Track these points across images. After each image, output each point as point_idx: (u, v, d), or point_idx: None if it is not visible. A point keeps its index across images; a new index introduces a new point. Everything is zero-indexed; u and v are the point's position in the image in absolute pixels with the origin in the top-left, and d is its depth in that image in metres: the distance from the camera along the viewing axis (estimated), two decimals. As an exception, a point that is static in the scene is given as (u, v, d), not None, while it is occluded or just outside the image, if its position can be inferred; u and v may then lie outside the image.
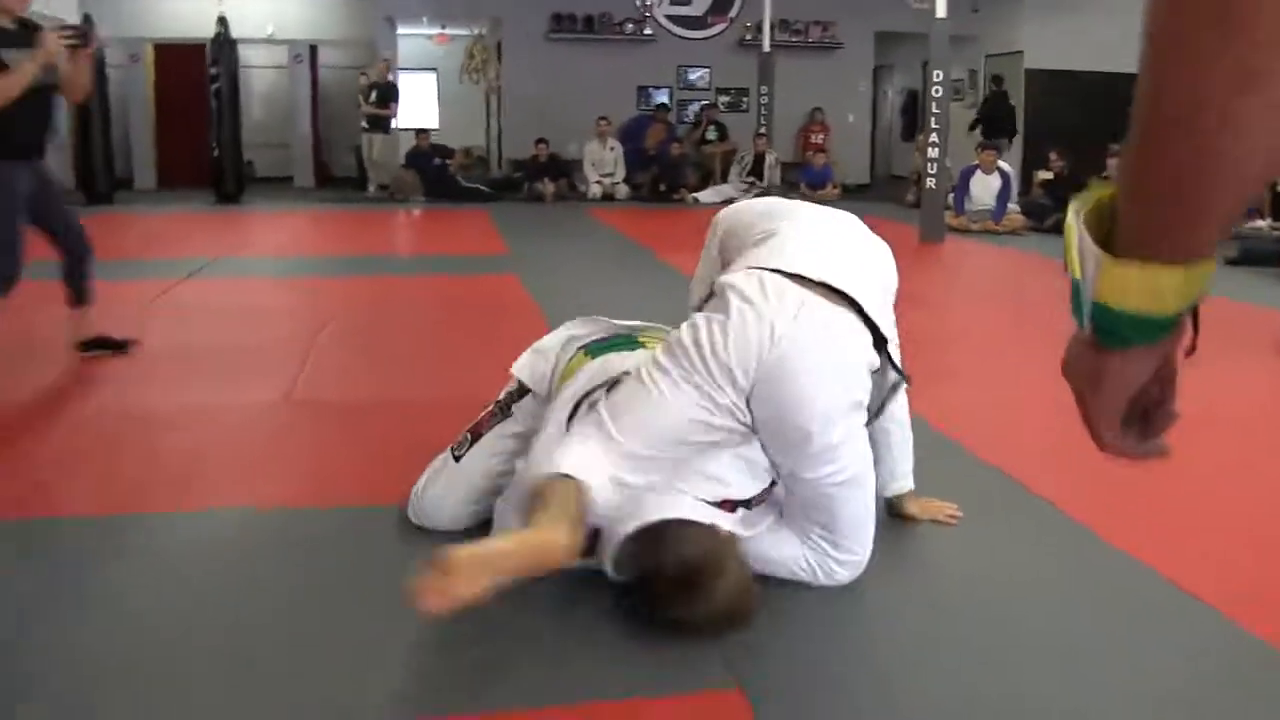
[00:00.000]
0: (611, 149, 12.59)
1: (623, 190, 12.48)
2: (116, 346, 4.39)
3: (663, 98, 14.04)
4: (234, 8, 12.77)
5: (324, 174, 14.03)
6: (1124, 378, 0.73)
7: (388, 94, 12.57)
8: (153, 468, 3.10)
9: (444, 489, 2.56)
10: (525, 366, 2.59)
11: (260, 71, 14.75)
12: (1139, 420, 0.76)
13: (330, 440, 3.42)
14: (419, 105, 15.57)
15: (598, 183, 12.50)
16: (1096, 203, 0.71)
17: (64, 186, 4.06)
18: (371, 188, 12.65)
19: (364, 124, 12.62)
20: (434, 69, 15.97)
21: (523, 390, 2.57)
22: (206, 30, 11.91)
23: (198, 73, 12.35)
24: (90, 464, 3.13)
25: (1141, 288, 0.67)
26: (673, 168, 12.62)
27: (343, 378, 4.24)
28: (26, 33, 3.90)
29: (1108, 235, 0.69)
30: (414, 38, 15.33)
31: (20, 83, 3.81)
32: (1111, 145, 9.51)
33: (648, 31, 13.91)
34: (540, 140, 12.40)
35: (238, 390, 3.90)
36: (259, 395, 3.85)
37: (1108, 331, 0.71)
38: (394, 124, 12.70)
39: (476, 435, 2.58)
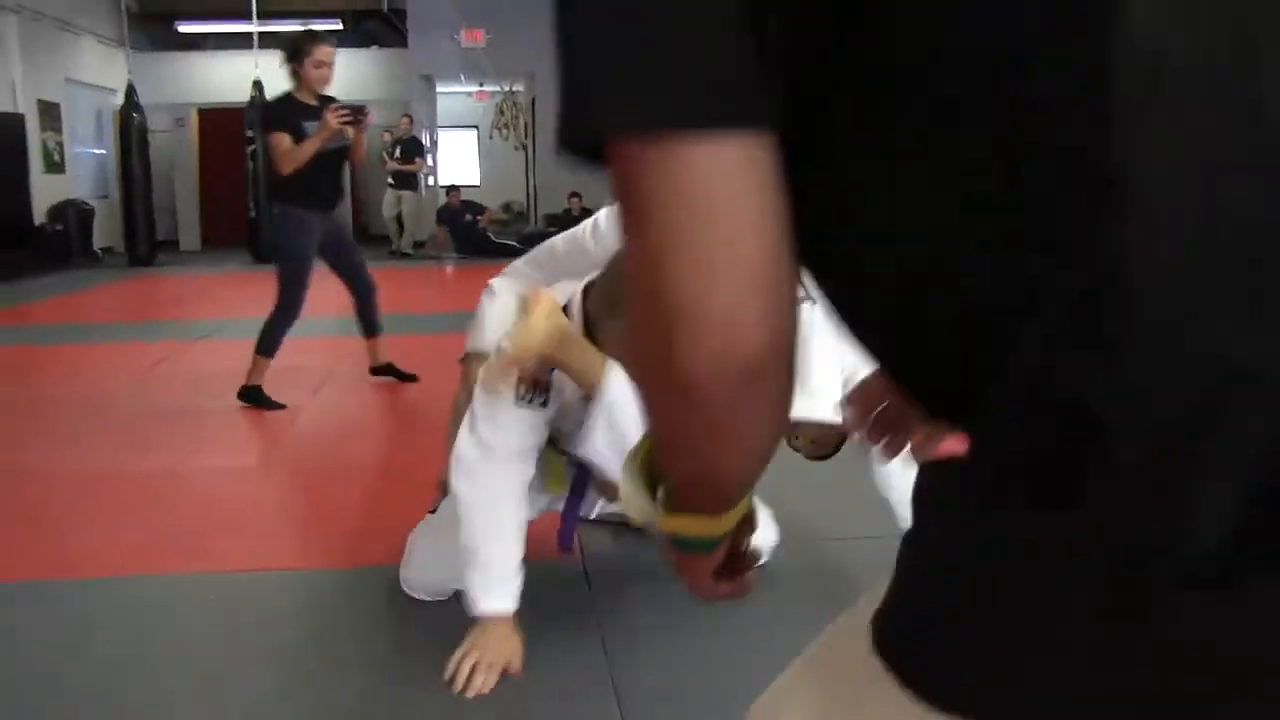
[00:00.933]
0: None
1: None
2: (404, 376, 5.13)
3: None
4: (272, 71, 13.01)
5: (364, 233, 14.21)
6: (705, 564, 0.76)
7: (411, 149, 12.69)
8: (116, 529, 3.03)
9: (429, 547, 2.42)
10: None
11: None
12: (727, 569, 0.78)
13: (297, 504, 3.35)
14: (460, 162, 15.78)
15: None
16: (647, 451, 0.74)
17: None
18: (396, 244, 12.77)
19: (389, 180, 12.72)
20: (474, 126, 16.19)
21: None
22: (247, 94, 12.16)
23: (239, 135, 12.63)
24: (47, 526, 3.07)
25: (696, 527, 0.70)
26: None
27: (324, 440, 4.19)
28: (320, 108, 4.52)
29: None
30: (455, 95, 15.57)
31: (308, 152, 4.47)
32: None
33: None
34: (573, 194, 12.42)
35: (209, 455, 3.85)
36: (232, 460, 3.81)
37: (679, 543, 0.73)
38: (428, 180, 12.87)
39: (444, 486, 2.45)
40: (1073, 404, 0.48)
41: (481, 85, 15.30)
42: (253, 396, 4.61)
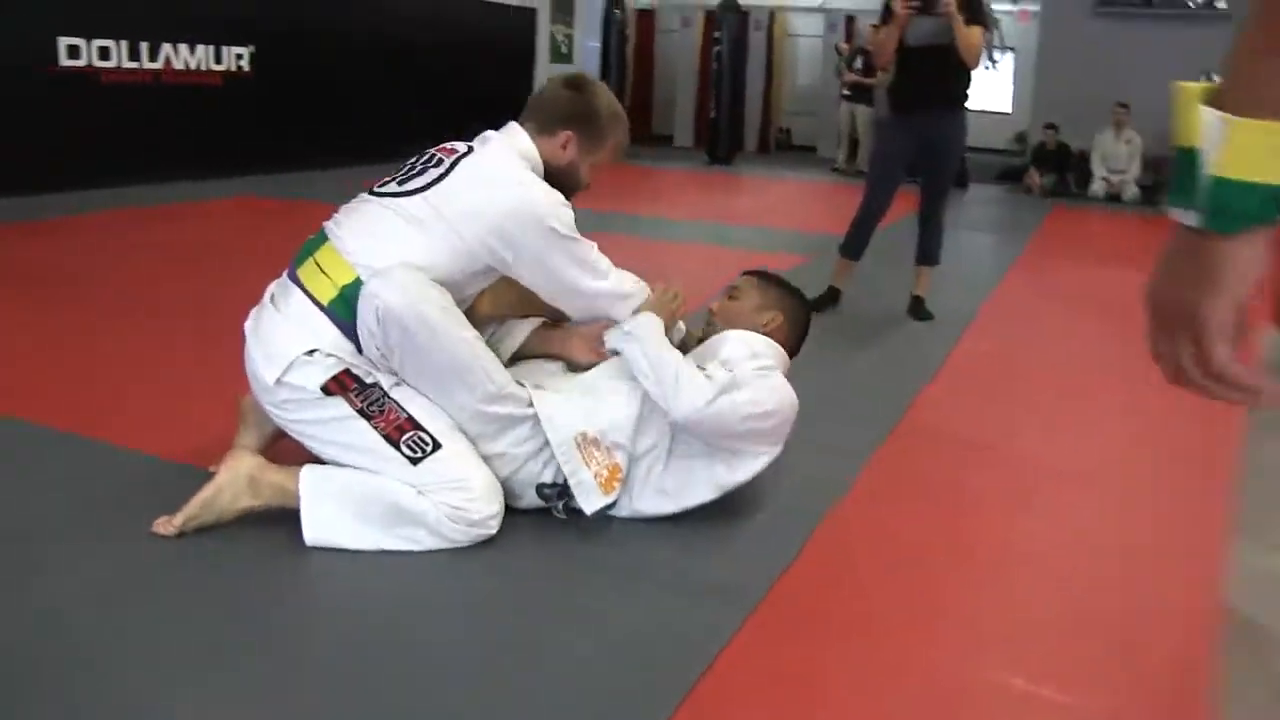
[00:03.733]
0: (1128, 142, 11.15)
1: (1131, 191, 11.03)
2: (923, 315, 4.89)
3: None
4: None
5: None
6: (1239, 269, 0.71)
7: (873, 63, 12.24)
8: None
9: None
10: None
11: (806, 41, 15.30)
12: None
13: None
14: (995, 88, 15.18)
15: (1103, 179, 11.17)
16: (1203, 90, 0.71)
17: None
18: (840, 162, 12.57)
19: (844, 93, 12.37)
20: (1013, 48, 15.35)
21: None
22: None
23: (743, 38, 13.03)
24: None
25: (1269, 149, 0.66)
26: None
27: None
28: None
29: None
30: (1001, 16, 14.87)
31: (883, 44, 4.62)
32: None
33: (1221, 5, 12.11)
34: (1049, 125, 11.53)
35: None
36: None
37: (1224, 211, 0.70)
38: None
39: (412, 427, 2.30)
40: None
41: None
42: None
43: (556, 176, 2.52)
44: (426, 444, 2.26)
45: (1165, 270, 0.77)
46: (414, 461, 2.26)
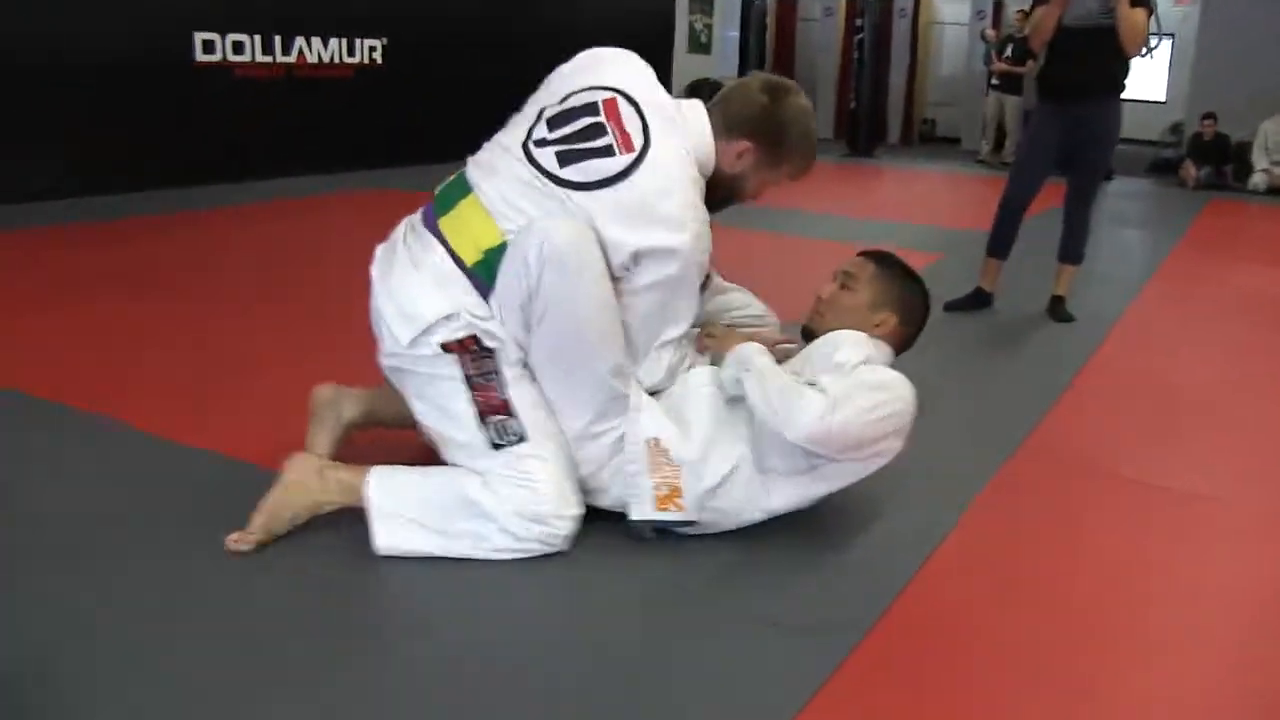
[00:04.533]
0: None
1: None
2: (1063, 317, 4.73)
3: None
4: None
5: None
6: None
7: (1025, 51, 11.88)
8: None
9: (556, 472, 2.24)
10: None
11: (952, 29, 14.96)
12: None
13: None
14: (1150, 75, 14.61)
15: (1264, 171, 10.57)
16: None
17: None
18: (983, 154, 12.24)
19: (993, 82, 12.00)
20: (1171, 34, 14.76)
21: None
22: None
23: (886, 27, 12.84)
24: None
25: None
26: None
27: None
28: None
29: None
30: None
31: (1041, 21, 4.43)
32: None
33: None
34: (1206, 116, 10.99)
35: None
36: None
37: None
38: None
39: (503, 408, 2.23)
40: None
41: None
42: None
43: (722, 184, 2.39)
44: (513, 434, 2.21)
45: None
46: (496, 447, 2.21)
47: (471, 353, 2.19)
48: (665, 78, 11.58)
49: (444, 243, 2.25)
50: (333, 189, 7.82)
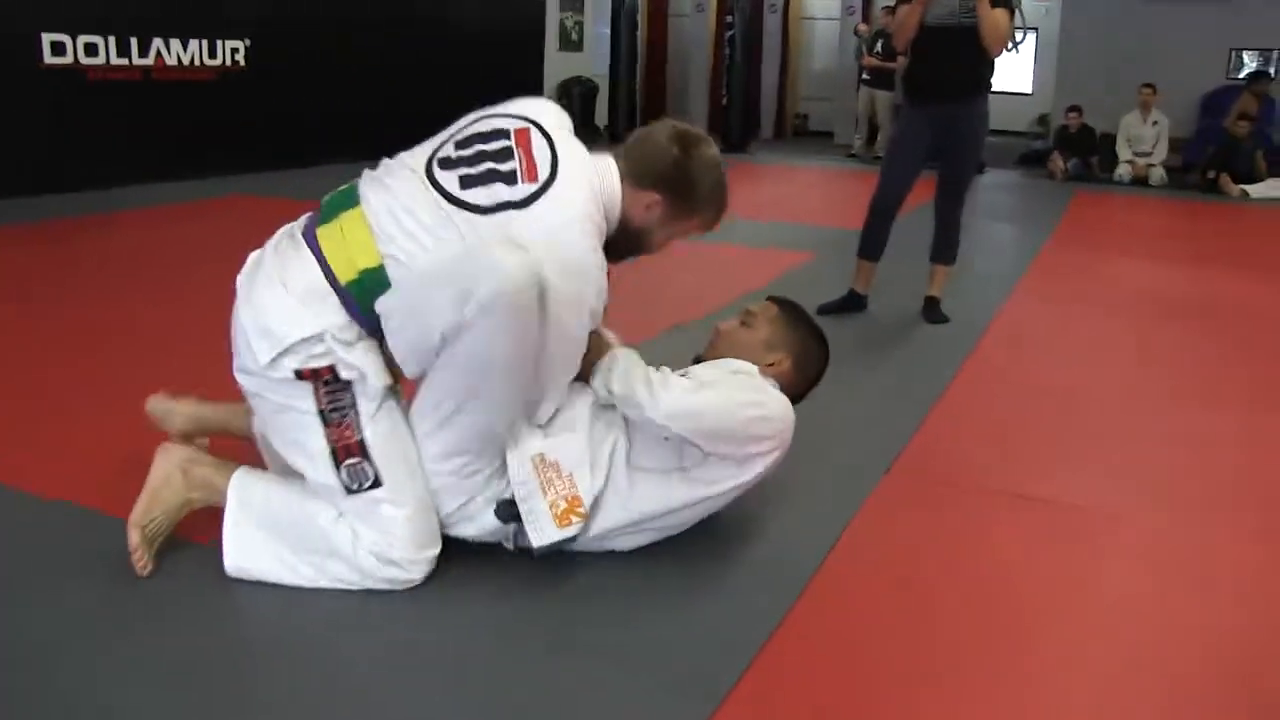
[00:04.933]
0: (1154, 124, 10.80)
1: (1158, 175, 10.64)
2: (937, 318, 4.61)
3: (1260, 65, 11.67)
4: None
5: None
6: None
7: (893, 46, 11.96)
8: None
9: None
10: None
11: (824, 23, 14.99)
12: None
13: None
14: (1016, 69, 14.82)
15: (1128, 163, 10.77)
16: None
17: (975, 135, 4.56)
18: (855, 147, 12.30)
19: (864, 77, 12.04)
20: (1035, 29, 14.96)
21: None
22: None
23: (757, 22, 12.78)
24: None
25: None
26: (1229, 151, 10.33)
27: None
28: None
29: None
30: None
31: (903, 20, 4.34)
32: None
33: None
34: (1072, 109, 11.14)
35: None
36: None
37: None
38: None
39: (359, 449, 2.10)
40: None
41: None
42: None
43: (627, 236, 2.26)
44: (367, 477, 2.07)
45: None
46: (348, 491, 2.08)
47: (325, 383, 2.05)
48: (537, 75, 11.48)
49: (319, 255, 2.09)
50: (191, 197, 7.32)
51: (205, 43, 8.22)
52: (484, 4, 11.33)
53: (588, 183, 2.15)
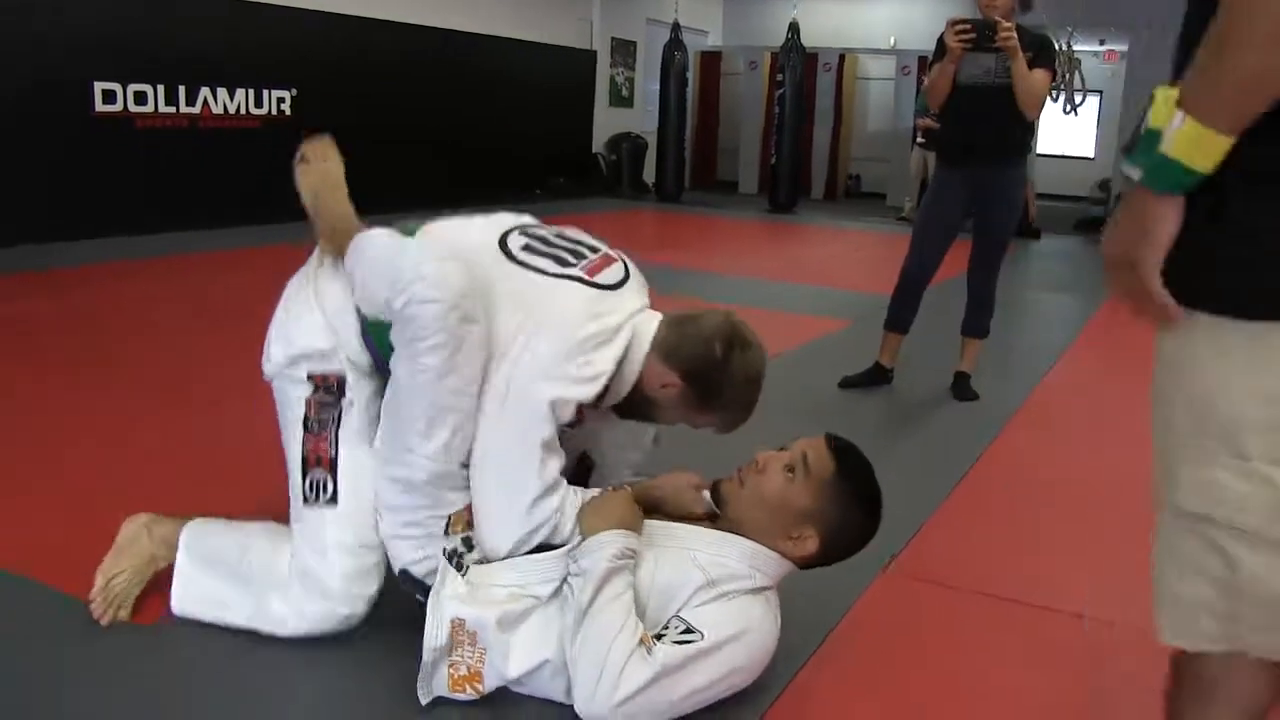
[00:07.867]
0: None
1: None
2: (966, 395, 4.36)
3: None
4: (856, 17, 13.01)
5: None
6: (1167, 222, 1.08)
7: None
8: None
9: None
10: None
11: (878, 84, 14.80)
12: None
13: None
14: (1078, 131, 14.46)
15: None
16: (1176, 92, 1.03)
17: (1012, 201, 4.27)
18: (906, 210, 11.99)
19: (919, 140, 11.79)
20: (1099, 91, 14.60)
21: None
22: (822, 39, 11.98)
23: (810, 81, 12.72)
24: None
25: (1200, 147, 1.02)
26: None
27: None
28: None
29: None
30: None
31: (936, 82, 4.08)
32: None
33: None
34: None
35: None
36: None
37: (1164, 177, 1.06)
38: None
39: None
40: None
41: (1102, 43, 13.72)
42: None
43: (636, 400, 2.13)
44: (325, 491, 2.07)
45: (1111, 230, 1.14)
46: (305, 500, 2.09)
47: (325, 391, 2.09)
48: (587, 130, 11.47)
49: None
50: (238, 244, 7.32)
51: (252, 91, 8.26)
52: (536, 57, 11.32)
53: (637, 317, 2.12)
